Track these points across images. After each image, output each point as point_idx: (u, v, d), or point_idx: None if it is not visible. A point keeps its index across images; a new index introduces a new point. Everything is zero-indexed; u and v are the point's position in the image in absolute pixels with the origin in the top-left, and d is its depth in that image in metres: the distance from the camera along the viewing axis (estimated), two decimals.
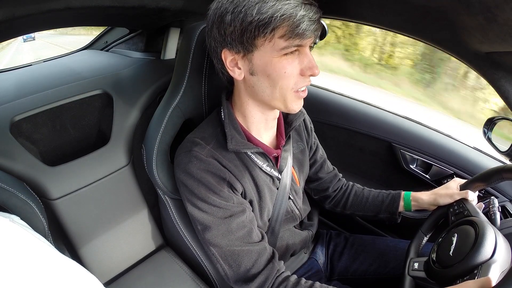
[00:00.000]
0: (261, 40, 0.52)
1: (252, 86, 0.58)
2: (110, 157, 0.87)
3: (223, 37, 0.54)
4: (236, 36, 0.52)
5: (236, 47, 0.54)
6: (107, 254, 0.89)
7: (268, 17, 0.49)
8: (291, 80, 0.55)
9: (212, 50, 0.59)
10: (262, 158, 0.66)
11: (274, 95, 0.57)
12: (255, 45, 0.53)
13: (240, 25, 0.51)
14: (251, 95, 0.61)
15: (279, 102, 0.58)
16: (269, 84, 0.56)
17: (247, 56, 0.55)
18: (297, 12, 0.49)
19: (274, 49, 0.52)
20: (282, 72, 0.54)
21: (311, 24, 0.51)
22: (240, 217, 0.61)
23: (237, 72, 0.57)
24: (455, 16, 0.49)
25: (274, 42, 0.52)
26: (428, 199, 0.76)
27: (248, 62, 0.55)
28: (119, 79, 0.99)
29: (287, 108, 0.59)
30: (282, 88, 0.56)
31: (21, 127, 0.80)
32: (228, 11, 0.51)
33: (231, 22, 0.51)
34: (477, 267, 0.52)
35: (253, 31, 0.51)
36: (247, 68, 0.56)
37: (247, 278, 0.61)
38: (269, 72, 0.54)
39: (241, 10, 0.50)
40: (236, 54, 0.55)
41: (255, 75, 0.56)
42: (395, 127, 1.04)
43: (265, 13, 0.49)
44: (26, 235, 0.44)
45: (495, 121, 0.78)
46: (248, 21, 0.50)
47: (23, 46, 7.74)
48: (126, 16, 0.93)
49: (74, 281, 0.43)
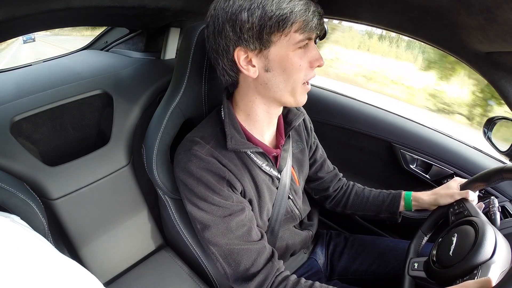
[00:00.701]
0: (278, 36, 0.53)
1: (266, 83, 0.59)
2: (110, 157, 0.87)
3: (239, 34, 0.54)
4: (254, 33, 0.53)
5: (253, 43, 0.54)
6: (107, 254, 0.89)
7: (289, 12, 0.51)
8: (303, 73, 0.58)
9: (222, 50, 0.57)
10: (261, 157, 0.66)
11: (286, 89, 0.59)
12: (272, 40, 0.54)
13: (259, 21, 0.52)
14: (261, 93, 0.61)
15: (290, 96, 0.60)
16: (283, 79, 0.57)
17: (262, 53, 0.55)
18: (310, 7, 0.52)
19: (290, 43, 0.54)
20: (298, 65, 0.56)
21: (319, 18, 0.55)
22: (240, 216, 0.61)
23: (251, 70, 0.57)
24: (455, 16, 0.49)
25: (290, 36, 0.54)
26: (428, 199, 0.76)
27: (264, 58, 0.56)
28: (119, 79, 0.99)
29: (296, 101, 0.61)
30: (295, 81, 0.58)
31: (21, 127, 0.80)
32: (243, 8, 0.52)
33: (248, 18, 0.52)
34: (477, 267, 0.52)
35: (273, 27, 0.52)
36: (262, 64, 0.57)
37: (247, 277, 0.61)
38: (285, 66, 0.56)
39: (259, 6, 0.51)
40: (250, 51, 0.55)
41: (270, 71, 0.57)
42: (395, 127, 1.04)
43: (285, 8, 0.51)
44: (26, 235, 0.44)
45: (495, 121, 0.78)
46: (268, 16, 0.51)
47: (22, 47, 7.70)
48: (126, 16, 0.94)
49: (75, 280, 0.43)
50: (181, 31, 1.13)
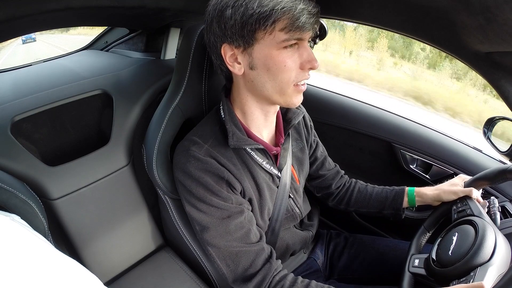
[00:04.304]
0: (261, 33, 0.53)
1: (252, 80, 0.59)
2: (110, 157, 0.87)
3: (223, 31, 0.54)
4: (237, 30, 0.53)
5: (236, 41, 0.54)
6: (107, 254, 0.89)
7: (269, 10, 0.50)
8: (291, 74, 0.56)
9: (212, 45, 0.59)
10: (261, 155, 0.66)
11: (274, 89, 0.58)
12: (255, 38, 0.54)
13: (241, 18, 0.52)
14: (250, 90, 0.61)
15: (279, 96, 0.59)
16: (269, 78, 0.57)
17: (247, 50, 0.55)
18: (297, 5, 0.51)
19: (274, 42, 0.53)
20: (282, 65, 0.55)
21: (310, 17, 0.52)
22: (239, 218, 0.61)
23: (236, 67, 0.58)
24: (455, 16, 0.49)
25: (274, 35, 0.53)
26: (432, 194, 0.76)
27: (248, 56, 0.56)
28: (119, 79, 0.99)
29: (286, 102, 0.60)
30: (282, 81, 0.56)
31: (21, 127, 0.80)
32: (228, 5, 0.52)
33: (232, 15, 0.52)
34: (474, 269, 0.52)
35: (254, 24, 0.52)
36: (247, 62, 0.57)
37: (245, 277, 0.61)
38: (269, 65, 0.55)
39: (242, 4, 0.51)
40: (236, 48, 0.56)
41: (255, 69, 0.57)
42: (395, 127, 1.03)
43: (266, 6, 0.50)
44: (26, 234, 0.44)
45: (495, 121, 0.78)
46: (249, 14, 0.51)
47: (21, 48, 7.64)
48: (126, 16, 0.93)
49: (75, 280, 0.43)
50: (181, 31, 1.13)
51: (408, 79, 6.94)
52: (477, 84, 6.01)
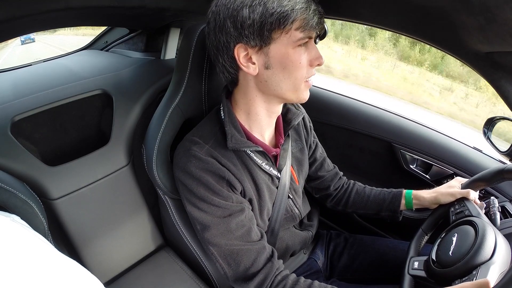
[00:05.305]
0: (278, 33, 0.54)
1: (266, 80, 0.59)
2: (110, 157, 0.87)
3: (239, 31, 0.54)
4: (255, 29, 0.53)
5: (253, 40, 0.54)
6: (107, 254, 0.89)
7: (290, 9, 0.51)
8: (304, 71, 0.58)
9: (222, 46, 0.57)
10: (261, 156, 0.66)
11: (288, 87, 0.59)
12: (272, 37, 0.54)
13: (260, 18, 0.52)
14: (261, 90, 0.61)
15: (292, 93, 0.60)
16: (284, 76, 0.57)
17: (263, 50, 0.56)
18: (310, 6, 0.53)
19: (290, 41, 0.55)
20: (298, 63, 0.56)
21: (320, 17, 0.55)
22: (239, 216, 0.61)
23: (251, 68, 0.57)
24: (455, 16, 0.49)
25: (290, 34, 0.54)
26: (429, 197, 0.76)
27: (264, 55, 0.56)
28: (119, 79, 0.99)
29: (298, 98, 0.62)
30: (296, 78, 0.58)
31: (21, 127, 0.80)
32: (245, 4, 0.52)
33: (250, 15, 0.52)
34: (476, 268, 0.52)
35: (273, 23, 0.52)
36: (262, 62, 0.57)
37: (247, 277, 0.61)
38: (286, 63, 0.56)
39: (260, 3, 0.52)
40: (250, 48, 0.56)
41: (270, 69, 0.57)
42: (395, 127, 1.04)
43: (286, 5, 0.51)
44: (26, 234, 0.44)
45: (495, 121, 0.78)
46: (269, 13, 0.52)
47: (20, 49, 7.58)
48: (126, 16, 0.93)
49: (75, 280, 0.43)
50: (181, 31, 1.13)
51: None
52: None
